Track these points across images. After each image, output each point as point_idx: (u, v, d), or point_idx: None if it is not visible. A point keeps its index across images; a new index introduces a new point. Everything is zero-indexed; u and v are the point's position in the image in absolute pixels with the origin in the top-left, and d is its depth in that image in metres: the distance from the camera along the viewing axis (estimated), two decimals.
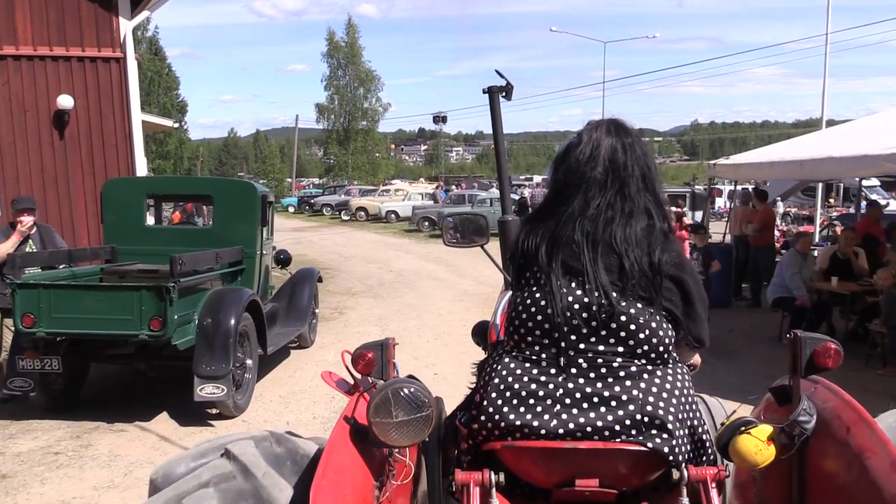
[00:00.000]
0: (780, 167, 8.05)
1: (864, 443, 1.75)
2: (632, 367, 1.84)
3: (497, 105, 3.02)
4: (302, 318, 8.28)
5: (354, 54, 51.73)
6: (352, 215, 36.66)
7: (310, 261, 19.28)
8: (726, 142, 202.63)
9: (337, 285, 14.72)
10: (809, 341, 1.95)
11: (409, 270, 16.89)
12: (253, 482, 1.82)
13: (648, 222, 1.91)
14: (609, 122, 2.03)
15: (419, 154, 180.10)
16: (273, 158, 63.86)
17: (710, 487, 1.84)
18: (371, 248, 23.07)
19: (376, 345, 2.04)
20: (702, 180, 67.20)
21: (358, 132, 52.23)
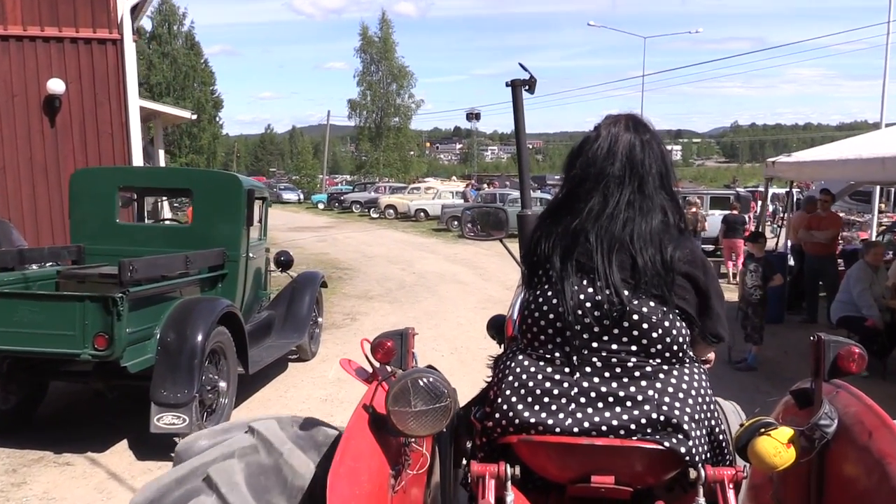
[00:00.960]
0: (856, 166, 6.89)
1: (886, 448, 1.70)
2: (647, 367, 1.83)
3: (520, 99, 2.93)
4: (300, 328, 7.37)
5: (388, 50, 50.95)
6: (381, 213, 35.85)
7: (331, 260, 18.53)
8: (767, 144, 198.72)
9: (354, 287, 13.83)
10: (833, 344, 1.92)
11: (432, 272, 15.94)
12: (276, 457, 1.84)
13: (663, 219, 1.89)
14: (627, 118, 2.00)
15: (454, 152, 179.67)
16: (306, 154, 63.25)
17: (728, 488, 1.82)
18: (396, 247, 22.17)
19: (396, 334, 2.04)
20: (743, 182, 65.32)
21: (390, 129, 51.41)
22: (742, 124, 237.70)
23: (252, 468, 1.86)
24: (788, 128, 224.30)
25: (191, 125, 54.05)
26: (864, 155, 6.80)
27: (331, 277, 15.12)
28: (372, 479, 1.76)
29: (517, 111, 2.97)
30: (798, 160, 8.17)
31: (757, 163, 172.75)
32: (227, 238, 6.06)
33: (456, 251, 20.70)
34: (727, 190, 23.80)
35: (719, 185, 58.95)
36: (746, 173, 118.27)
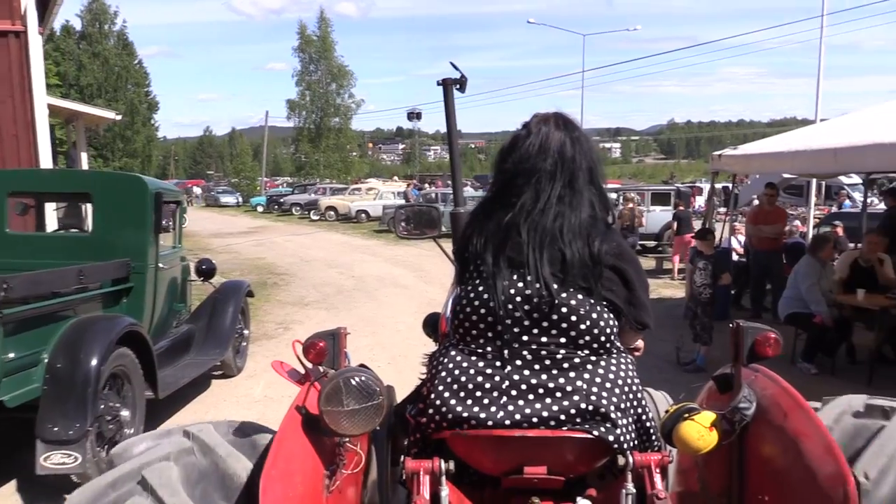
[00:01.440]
0: (807, 158, 6.65)
1: (800, 428, 1.76)
2: (575, 359, 1.88)
3: (451, 97, 2.96)
4: (223, 342, 6.78)
5: (327, 49, 50.01)
6: (321, 215, 35.10)
7: (267, 265, 17.82)
8: (702, 141, 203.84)
9: (290, 294, 13.21)
10: (751, 331, 1.99)
11: (372, 276, 15.40)
12: (212, 458, 1.83)
13: (591, 214, 1.94)
14: (556, 116, 2.05)
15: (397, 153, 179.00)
16: (245, 156, 61.78)
17: (655, 472, 1.86)
18: (336, 250, 21.55)
19: (328, 334, 2.04)
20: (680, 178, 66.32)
21: (330, 129, 50.48)
22: (678, 122, 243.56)
23: (188, 470, 1.84)
24: (722, 124, 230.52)
25: (124, 128, 52.40)
26: (815, 146, 6.57)
27: (265, 284, 14.48)
28: (306, 479, 1.77)
29: (448, 110, 2.99)
30: (745, 153, 7.92)
31: (693, 159, 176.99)
32: (133, 247, 5.43)
33: (397, 253, 20.19)
34: (666, 186, 23.89)
35: (657, 181, 59.85)
36: (683, 169, 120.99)
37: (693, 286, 7.48)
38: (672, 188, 20.98)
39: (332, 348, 2.03)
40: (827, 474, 1.64)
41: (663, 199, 19.45)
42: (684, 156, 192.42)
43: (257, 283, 14.40)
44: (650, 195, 19.59)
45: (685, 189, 21.51)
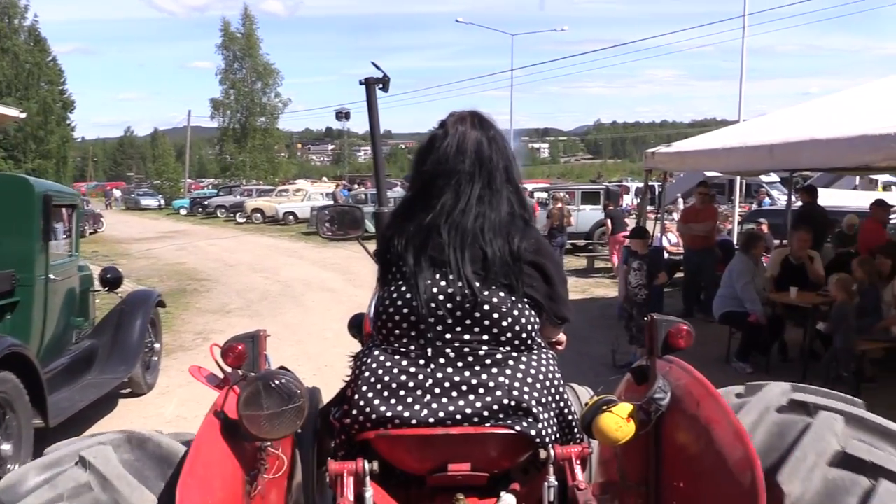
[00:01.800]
0: (742, 154, 6.52)
1: (711, 415, 1.79)
2: (497, 355, 1.89)
3: (374, 97, 2.97)
4: (130, 358, 6.21)
5: (252, 46, 48.57)
6: (247, 217, 34.12)
7: (188, 270, 17.03)
8: (627, 141, 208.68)
9: (211, 301, 12.54)
10: (664, 323, 2.03)
11: (299, 280, 14.84)
12: (111, 493, 1.66)
13: (510, 212, 1.97)
14: (472, 116, 2.05)
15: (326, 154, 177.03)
16: (167, 157, 59.62)
17: (575, 464, 1.90)
18: (262, 253, 20.82)
19: (247, 337, 1.99)
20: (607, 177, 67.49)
21: (256, 129, 49.14)
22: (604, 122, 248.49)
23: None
24: (647, 125, 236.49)
25: (36, 127, 49.87)
26: (751, 142, 6.44)
27: (185, 290, 13.76)
28: (225, 486, 1.72)
29: (371, 109, 2.99)
30: (680, 150, 7.77)
31: (619, 159, 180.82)
32: (17, 257, 4.84)
33: (325, 256, 19.62)
34: (596, 185, 24.00)
35: (585, 180, 60.69)
36: (610, 169, 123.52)
37: (628, 287, 7.29)
38: (601, 187, 21.05)
39: (252, 351, 1.98)
40: (736, 460, 1.66)
41: (593, 198, 19.47)
42: (611, 155, 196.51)
43: (176, 290, 13.69)
44: (580, 194, 19.59)
45: (614, 188, 21.59)
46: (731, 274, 7.33)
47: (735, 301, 7.29)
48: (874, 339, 6.64)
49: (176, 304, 12.15)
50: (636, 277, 7.10)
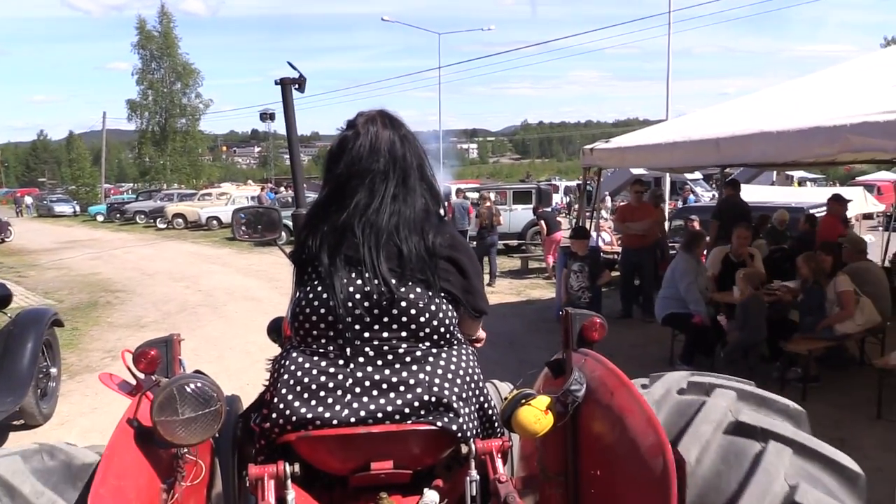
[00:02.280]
0: (687, 150, 6.23)
1: (624, 404, 1.83)
2: (417, 352, 1.90)
3: (290, 97, 2.94)
4: (19, 387, 5.50)
5: (170, 45, 46.80)
6: (168, 223, 32.74)
7: (102, 281, 16.00)
8: (554, 141, 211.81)
9: (125, 314, 11.68)
10: (578, 317, 2.14)
11: (221, 289, 14.06)
12: (20, 501, 1.62)
13: (424, 208, 1.98)
14: (382, 115, 2.06)
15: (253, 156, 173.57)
16: (83, 162, 56.92)
17: (497, 458, 1.92)
18: (183, 261, 19.82)
19: (160, 342, 2.02)
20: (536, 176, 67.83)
21: (176, 132, 47.38)
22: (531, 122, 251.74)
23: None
24: (572, 125, 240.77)
25: None
26: (696, 137, 6.16)
27: (96, 304, 12.82)
28: (140, 495, 1.68)
29: (287, 109, 2.96)
30: (620, 146, 7.45)
31: (546, 158, 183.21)
32: None
33: (251, 262, 18.82)
34: (526, 184, 23.82)
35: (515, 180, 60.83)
36: (538, 168, 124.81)
37: (569, 290, 6.94)
38: (533, 186, 20.84)
39: (165, 356, 1.98)
40: (648, 446, 1.69)
41: (525, 198, 19.24)
42: (538, 155, 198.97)
43: (87, 304, 12.76)
44: (511, 194, 19.33)
45: (546, 187, 21.42)
46: (674, 274, 7.07)
47: (678, 302, 7.04)
48: (818, 338, 6.50)
49: (86, 319, 11.28)
50: (578, 280, 6.77)
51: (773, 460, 1.68)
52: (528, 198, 19.22)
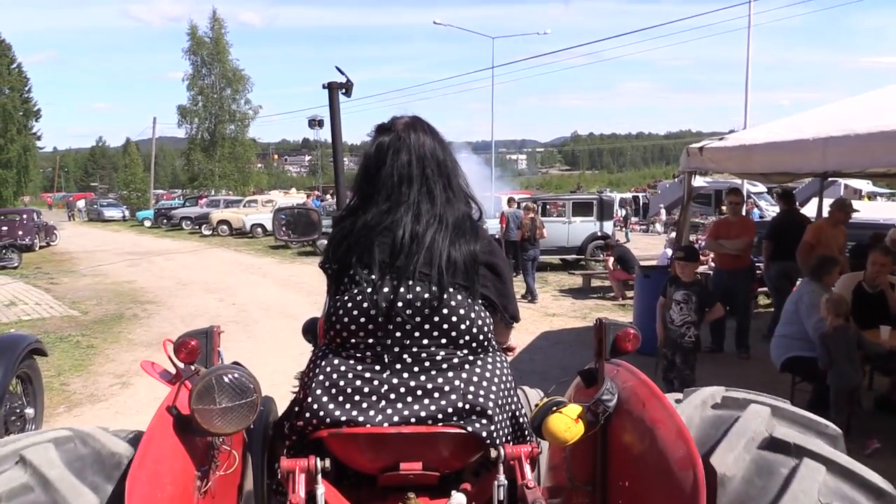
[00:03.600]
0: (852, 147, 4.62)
1: (656, 416, 1.82)
2: (454, 359, 1.90)
3: (336, 101, 2.94)
4: None
5: (220, 51, 46.56)
6: (213, 230, 32.12)
7: (134, 290, 15.09)
8: (605, 152, 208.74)
9: (148, 330, 10.63)
10: (612, 327, 2.06)
11: (256, 303, 12.97)
12: (53, 495, 1.58)
13: (465, 214, 2.00)
14: (420, 122, 2.07)
15: (303, 164, 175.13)
16: (135, 167, 57.26)
17: (525, 463, 1.92)
18: (222, 270, 18.89)
19: (200, 332, 2.04)
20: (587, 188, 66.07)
21: (225, 138, 47.05)
22: (581, 134, 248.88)
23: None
24: (623, 137, 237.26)
25: None
26: (862, 129, 4.63)
27: (121, 316, 11.83)
28: (175, 480, 1.69)
29: (333, 113, 2.94)
30: (743, 143, 5.89)
31: (597, 170, 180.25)
32: None
33: (292, 273, 17.77)
34: (587, 195, 22.25)
35: (565, 191, 59.02)
36: (588, 180, 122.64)
37: (668, 325, 5.55)
38: (594, 197, 19.32)
39: (205, 346, 2.01)
40: (678, 458, 1.67)
41: (585, 210, 17.77)
42: (588, 167, 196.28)
43: (112, 316, 11.79)
44: (571, 205, 17.87)
45: (608, 198, 19.90)
46: (799, 307, 5.61)
47: (804, 343, 5.58)
48: None
49: (105, 335, 10.27)
50: (681, 312, 5.38)
51: (807, 477, 1.62)
52: (590, 210, 17.76)
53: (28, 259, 22.12)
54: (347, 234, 1.96)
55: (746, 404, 1.90)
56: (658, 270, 8.67)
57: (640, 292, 8.53)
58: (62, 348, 9.28)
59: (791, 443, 1.72)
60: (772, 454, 1.71)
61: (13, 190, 50.28)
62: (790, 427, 1.82)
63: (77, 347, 9.39)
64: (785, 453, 1.71)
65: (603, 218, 17.77)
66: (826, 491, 1.62)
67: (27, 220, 26.88)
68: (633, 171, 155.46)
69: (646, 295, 8.43)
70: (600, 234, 17.67)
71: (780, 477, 1.64)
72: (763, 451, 1.73)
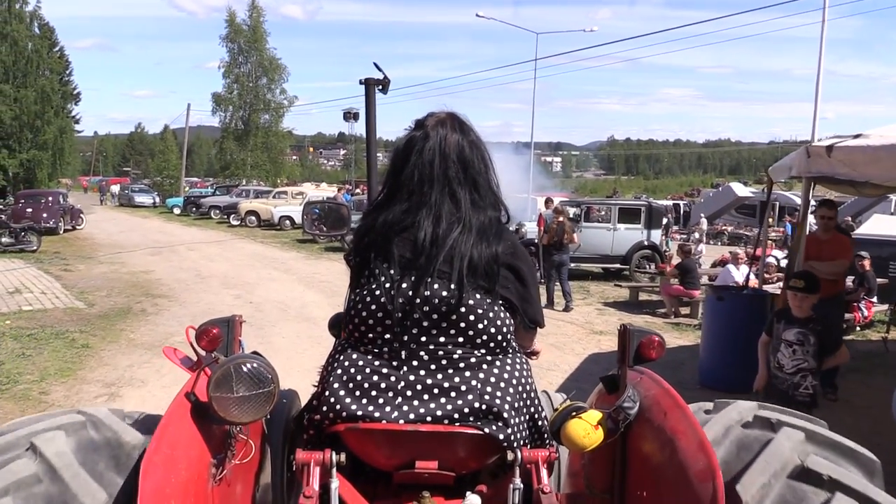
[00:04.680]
0: None
1: (677, 426, 1.78)
2: (472, 359, 1.89)
3: (373, 97, 2.94)
4: None
5: (257, 39, 45.91)
6: (241, 220, 31.37)
7: (150, 282, 14.25)
8: (641, 157, 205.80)
9: (154, 330, 9.69)
10: (637, 334, 2.01)
11: (275, 302, 11.99)
12: (60, 486, 1.58)
13: (490, 215, 1.98)
14: (452, 118, 2.04)
15: (338, 158, 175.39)
16: (170, 154, 56.99)
17: (542, 467, 1.90)
18: (244, 263, 17.99)
19: (222, 321, 2.01)
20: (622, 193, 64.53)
21: (259, 127, 46.39)
22: (618, 139, 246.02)
23: (81, 442, 1.66)
24: (660, 143, 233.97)
25: (34, 117, 47.47)
26: None
27: (128, 311, 10.91)
28: (190, 466, 1.68)
29: (369, 109, 2.96)
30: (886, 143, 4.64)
31: (632, 175, 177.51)
32: None
33: (317, 270, 16.81)
34: (637, 201, 20.90)
35: (601, 195, 57.41)
36: (623, 185, 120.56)
37: (776, 373, 4.38)
38: (643, 203, 18.02)
39: (227, 335, 1.98)
40: (698, 470, 1.63)
41: (632, 217, 16.55)
42: (623, 172, 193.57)
43: (119, 311, 10.90)
44: (617, 211, 16.64)
45: (657, 205, 18.58)
46: None
47: None
48: None
49: (105, 332, 9.35)
50: (795, 357, 4.21)
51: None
52: (637, 217, 16.53)
53: (49, 242, 21.48)
54: (370, 230, 1.97)
55: (780, 426, 1.81)
56: (733, 293, 7.47)
57: (712, 317, 7.35)
58: (54, 347, 8.37)
59: (824, 475, 1.62)
60: (802, 485, 1.62)
61: (48, 172, 50.23)
62: (824, 455, 1.73)
63: (70, 346, 8.46)
64: (817, 486, 1.61)
65: (651, 226, 16.52)
66: None
67: (52, 202, 26.33)
68: (671, 178, 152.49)
69: (717, 321, 7.26)
70: (647, 244, 16.45)
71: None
72: (793, 481, 1.64)
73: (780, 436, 1.75)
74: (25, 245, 19.33)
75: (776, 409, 1.96)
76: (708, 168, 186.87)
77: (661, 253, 16.56)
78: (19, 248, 19.16)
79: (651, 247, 16.47)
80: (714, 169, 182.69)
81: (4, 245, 19.05)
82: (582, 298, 13.62)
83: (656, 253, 16.55)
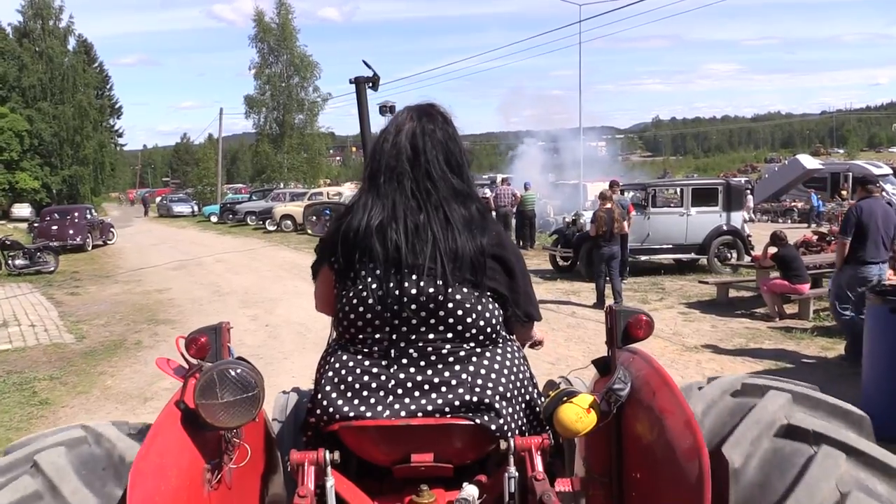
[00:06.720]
0: None
1: (665, 405, 1.76)
2: (461, 352, 1.88)
3: (364, 95, 3.02)
4: None
5: (287, 37, 44.41)
6: (277, 225, 29.86)
7: (161, 302, 12.62)
8: (688, 136, 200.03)
9: (138, 373, 7.96)
10: (624, 314, 2.00)
11: (294, 325, 10.15)
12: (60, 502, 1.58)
13: (473, 207, 1.96)
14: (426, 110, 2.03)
15: None
16: (208, 161, 56.14)
17: (535, 455, 1.88)
18: (270, 275, 16.26)
19: (210, 329, 2.03)
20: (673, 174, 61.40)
21: (293, 128, 44.91)
22: (663, 119, 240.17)
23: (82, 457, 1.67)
24: (707, 121, 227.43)
25: (73, 133, 47.05)
26: None
27: (121, 345, 9.17)
28: (181, 474, 1.66)
29: (361, 108, 3.02)
30: None
31: (680, 155, 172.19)
32: None
33: None
34: (715, 180, 18.39)
35: (651, 177, 54.47)
36: (672, 165, 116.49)
37: None
38: (720, 182, 15.62)
39: (215, 343, 2.00)
40: (685, 448, 1.61)
41: (708, 198, 14.25)
42: (671, 153, 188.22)
43: (109, 346, 9.18)
44: (690, 192, 14.36)
45: (736, 183, 16.18)
46: None
47: None
48: None
49: (81, 377, 7.62)
50: None
51: (824, 466, 1.52)
52: (713, 198, 14.23)
53: (72, 261, 20.18)
54: (349, 231, 1.93)
55: (766, 391, 1.76)
56: None
57: (877, 335, 5.17)
58: (5, 405, 6.63)
59: (810, 430, 1.60)
60: (788, 442, 1.59)
61: (90, 186, 49.72)
62: (811, 413, 1.68)
63: (28, 402, 6.73)
64: (803, 441, 1.59)
65: (731, 208, 14.21)
66: (845, 480, 1.50)
67: (78, 218, 25.12)
68: (721, 156, 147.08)
69: (888, 341, 5.08)
70: (727, 229, 14.15)
71: (795, 466, 1.54)
72: (779, 438, 1.61)
73: (765, 399, 1.71)
74: (42, 266, 17.95)
75: (766, 376, 1.92)
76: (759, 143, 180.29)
77: (744, 239, 14.20)
78: (35, 269, 17.79)
79: (732, 232, 14.16)
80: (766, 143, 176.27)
81: (18, 268, 17.67)
82: (658, 299, 11.47)
83: (739, 239, 14.22)
